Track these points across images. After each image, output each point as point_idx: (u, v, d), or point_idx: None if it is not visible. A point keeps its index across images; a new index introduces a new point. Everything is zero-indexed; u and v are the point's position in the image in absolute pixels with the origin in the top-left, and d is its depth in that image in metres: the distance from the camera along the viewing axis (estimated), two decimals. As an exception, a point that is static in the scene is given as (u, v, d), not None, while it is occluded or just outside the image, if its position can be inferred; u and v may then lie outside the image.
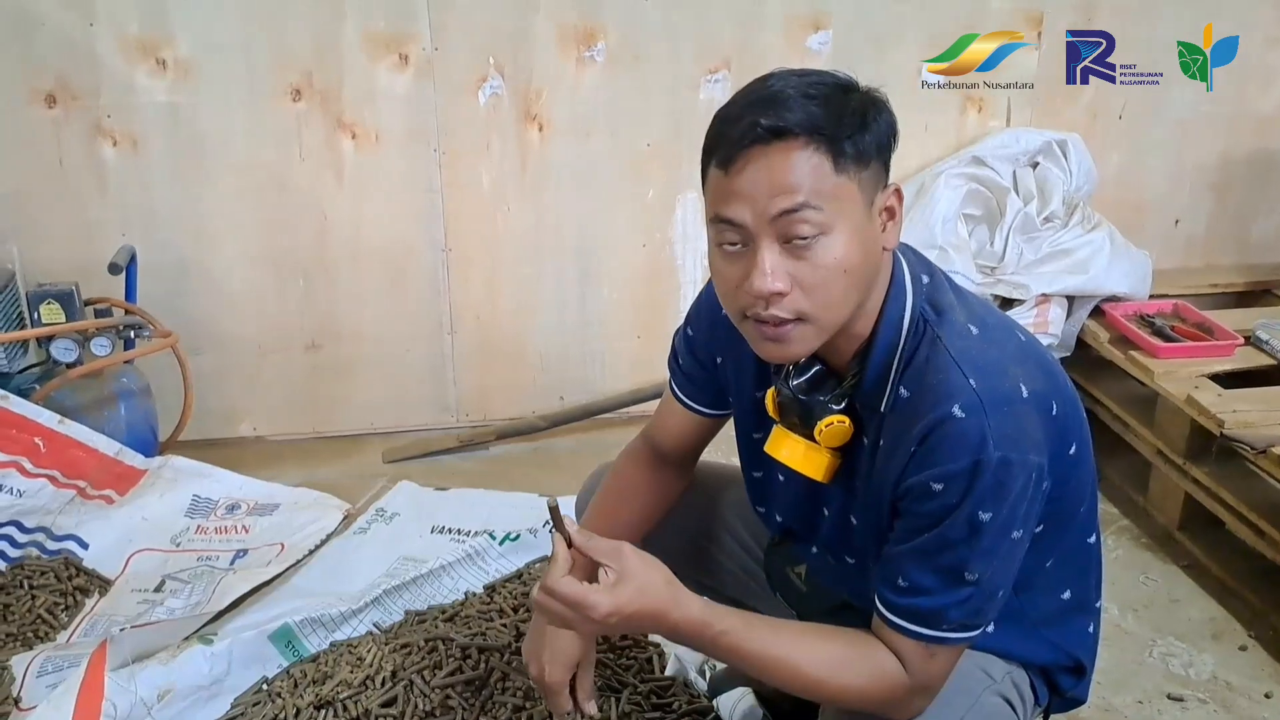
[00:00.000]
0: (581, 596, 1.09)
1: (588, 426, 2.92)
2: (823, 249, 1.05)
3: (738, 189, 1.05)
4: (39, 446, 2.07)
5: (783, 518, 1.41)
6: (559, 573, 1.11)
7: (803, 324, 1.08)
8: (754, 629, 1.15)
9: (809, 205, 1.03)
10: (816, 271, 1.06)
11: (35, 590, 2.04)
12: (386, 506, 2.40)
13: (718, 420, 1.49)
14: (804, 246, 1.05)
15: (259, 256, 2.70)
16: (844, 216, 1.05)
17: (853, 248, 1.06)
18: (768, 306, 1.07)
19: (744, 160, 1.04)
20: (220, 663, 1.74)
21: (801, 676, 1.15)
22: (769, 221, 1.04)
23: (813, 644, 1.16)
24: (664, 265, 2.88)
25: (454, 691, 1.62)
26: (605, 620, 1.10)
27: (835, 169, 1.04)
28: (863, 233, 1.07)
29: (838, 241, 1.05)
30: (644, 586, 1.11)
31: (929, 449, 1.08)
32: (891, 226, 1.12)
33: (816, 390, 1.20)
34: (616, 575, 1.11)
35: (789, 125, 1.02)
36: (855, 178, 1.05)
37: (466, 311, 2.84)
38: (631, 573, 1.11)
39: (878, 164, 1.08)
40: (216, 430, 2.81)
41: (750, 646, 1.14)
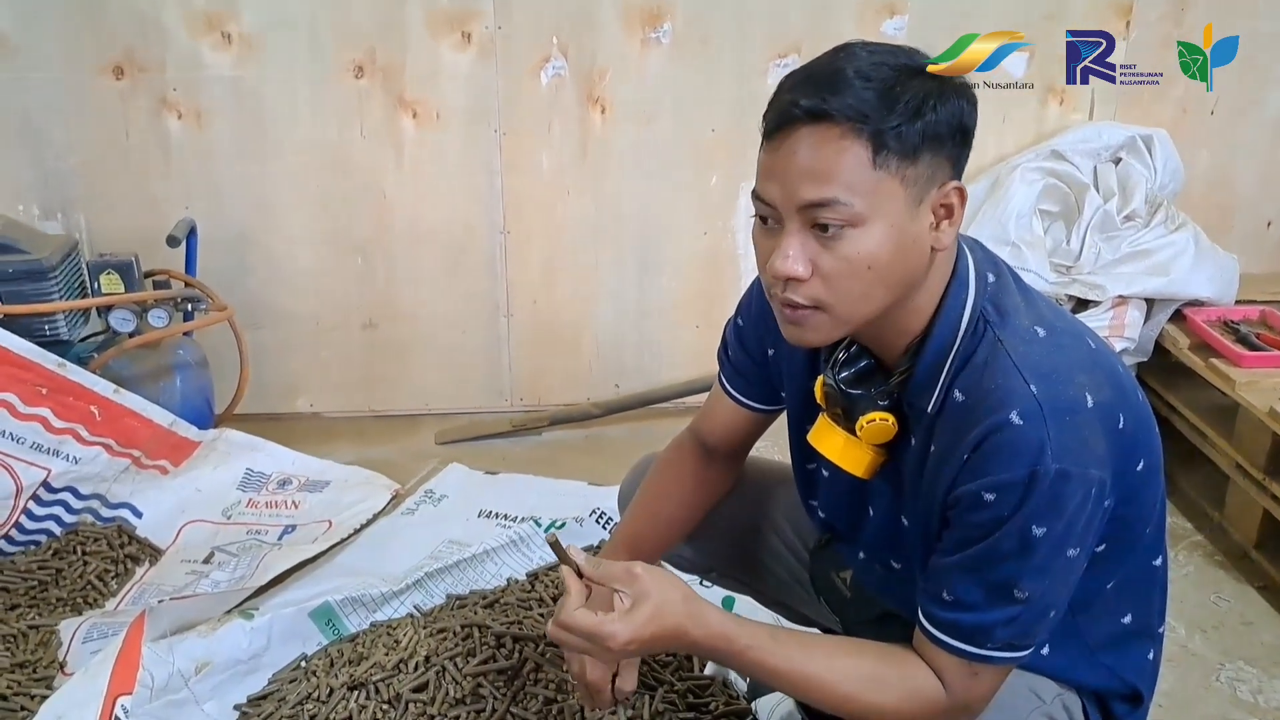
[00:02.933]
0: (597, 627, 1.07)
1: (642, 416, 2.89)
2: (849, 241, 1.00)
3: (773, 166, 1.01)
4: (94, 414, 2.10)
5: (827, 514, 1.36)
6: (572, 605, 1.09)
7: (819, 313, 1.04)
8: (780, 643, 1.11)
9: (838, 200, 0.98)
10: (839, 263, 1.00)
11: (87, 556, 2.07)
12: (436, 488, 2.41)
13: (767, 416, 1.44)
14: (830, 236, 1.00)
15: (318, 234, 2.71)
16: (880, 211, 0.99)
17: (884, 245, 1.00)
18: (785, 289, 1.03)
19: (781, 137, 1.00)
20: (260, 638, 1.75)
21: (832, 694, 1.10)
22: (796, 209, 1.00)
23: (844, 659, 1.11)
24: (725, 254, 2.83)
25: (485, 680, 1.60)
26: (625, 648, 1.07)
27: (874, 162, 0.98)
28: (901, 230, 1.01)
29: (868, 236, 1.00)
30: (660, 607, 1.08)
31: (982, 457, 1.02)
32: (947, 226, 1.05)
33: (863, 384, 1.15)
34: (631, 599, 1.08)
35: (829, 110, 0.97)
36: (898, 173, 0.99)
37: (523, 295, 2.82)
38: (646, 595, 1.08)
39: (933, 157, 1.01)
40: (274, 405, 2.84)
41: (776, 661, 1.10)
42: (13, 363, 1.96)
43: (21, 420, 2.00)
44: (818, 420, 1.22)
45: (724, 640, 1.09)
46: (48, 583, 2.00)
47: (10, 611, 1.90)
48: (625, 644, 1.06)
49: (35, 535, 2.11)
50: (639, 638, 1.07)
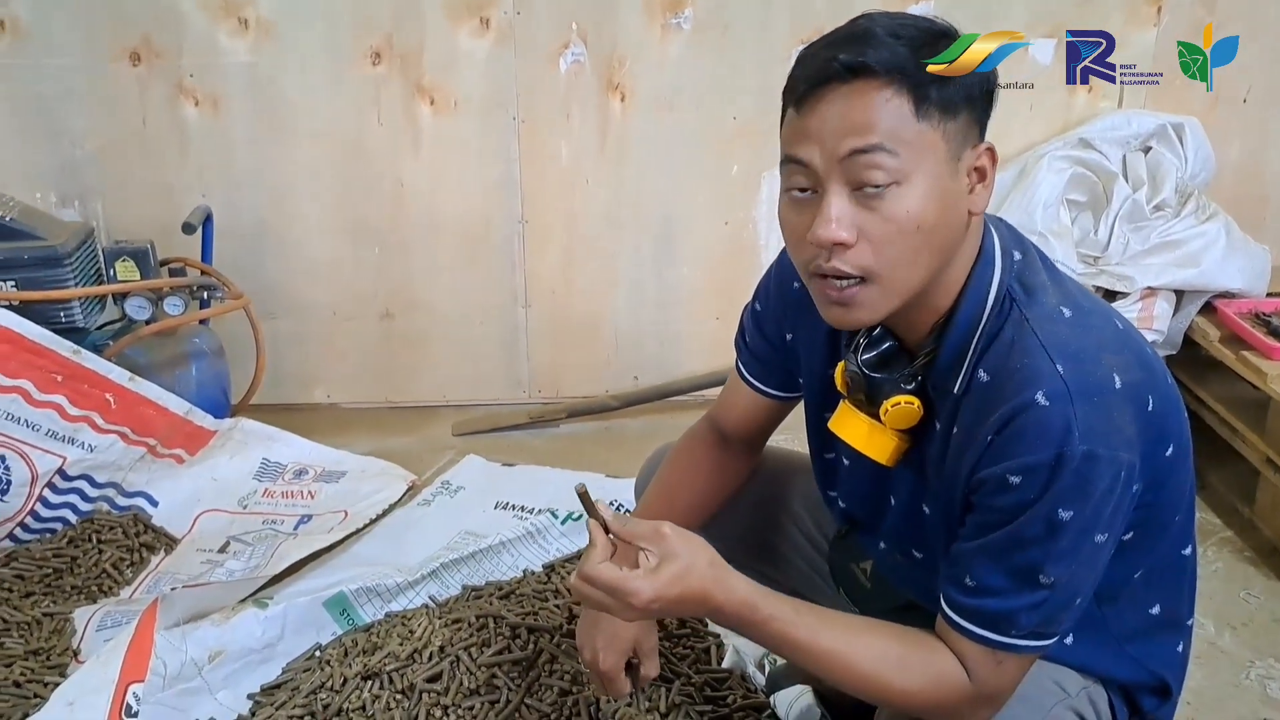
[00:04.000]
0: (621, 582, 1.05)
1: (661, 408, 2.87)
2: (895, 199, 0.98)
3: (809, 128, 0.99)
4: (109, 403, 2.10)
5: (847, 504, 1.34)
6: (597, 559, 1.07)
7: (868, 285, 1.01)
8: (803, 616, 1.09)
9: (883, 148, 0.96)
10: (886, 224, 0.98)
11: (103, 545, 2.08)
12: (452, 479, 2.40)
13: (786, 404, 1.42)
14: (875, 195, 0.98)
15: (335, 222, 2.71)
16: (923, 167, 0.98)
17: (930, 203, 0.98)
18: (830, 258, 1.00)
19: (818, 97, 0.98)
20: (274, 627, 1.75)
21: (853, 672, 1.08)
22: (838, 162, 0.98)
23: (867, 638, 1.10)
24: (746, 245, 2.81)
25: (500, 671, 1.59)
26: (648, 607, 1.05)
27: (917, 114, 0.96)
28: (944, 189, 0.99)
29: (913, 193, 0.98)
30: (686, 569, 1.06)
31: (1007, 438, 1.00)
32: (980, 189, 1.04)
33: (887, 367, 1.13)
34: (658, 558, 1.06)
35: (869, 63, 0.96)
36: (939, 127, 0.98)
37: (541, 285, 2.81)
38: (673, 554, 1.06)
39: (968, 117, 1.00)
40: (291, 395, 2.84)
41: (798, 635, 1.08)
42: (28, 349, 1.96)
43: (36, 407, 2.00)
44: (839, 407, 1.20)
45: (747, 609, 1.08)
46: (63, 570, 2.00)
47: (25, 599, 1.90)
48: (648, 602, 1.05)
49: (50, 523, 2.12)
50: (662, 597, 1.05)
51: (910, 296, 1.04)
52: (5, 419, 1.97)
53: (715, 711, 1.59)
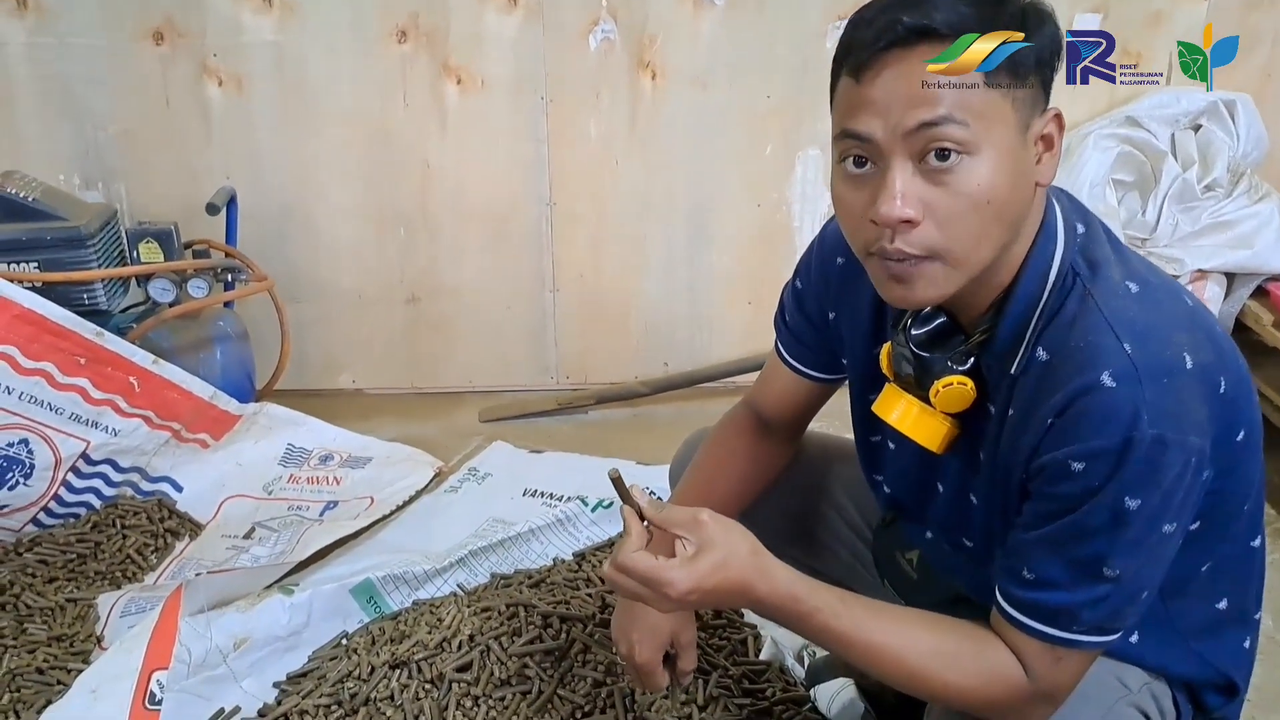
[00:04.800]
0: (657, 572, 1.01)
1: (691, 395, 2.84)
2: (964, 173, 0.92)
3: (869, 98, 0.93)
4: (133, 386, 2.09)
5: (893, 490, 1.30)
6: (632, 547, 1.03)
7: (933, 263, 0.96)
8: (850, 608, 1.04)
9: (952, 119, 0.91)
10: (955, 200, 0.93)
11: (127, 530, 2.07)
12: (479, 466, 2.38)
13: (828, 386, 1.38)
14: (942, 169, 0.92)
15: (360, 205, 2.68)
16: (992, 137, 0.93)
17: (1000, 175, 0.93)
18: (894, 238, 0.95)
19: (879, 65, 0.92)
20: (300, 614, 1.73)
21: (903, 667, 1.04)
22: (903, 136, 0.92)
23: (918, 632, 1.05)
24: (779, 227, 2.77)
25: (532, 661, 1.56)
26: (685, 598, 1.01)
27: (986, 80, 0.91)
28: (1013, 160, 0.94)
29: (983, 166, 0.92)
30: (726, 558, 1.02)
31: (1070, 422, 0.95)
32: (1048, 158, 0.98)
33: (938, 346, 1.08)
34: (695, 547, 1.02)
35: (935, 25, 0.90)
36: (1009, 94, 0.93)
37: (570, 270, 2.78)
38: (711, 543, 1.02)
39: (1036, 81, 0.95)
40: (315, 381, 2.83)
41: (843, 627, 1.04)
42: (51, 331, 1.95)
43: (60, 390, 1.99)
44: (885, 389, 1.16)
45: (791, 600, 1.04)
46: (86, 556, 1.99)
47: (48, 584, 1.89)
48: (685, 593, 1.01)
49: (74, 508, 2.11)
50: (700, 587, 1.01)
51: (979, 272, 0.99)
52: (29, 402, 1.96)
53: (754, 705, 1.56)
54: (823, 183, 2.72)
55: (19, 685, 1.60)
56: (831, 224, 1.25)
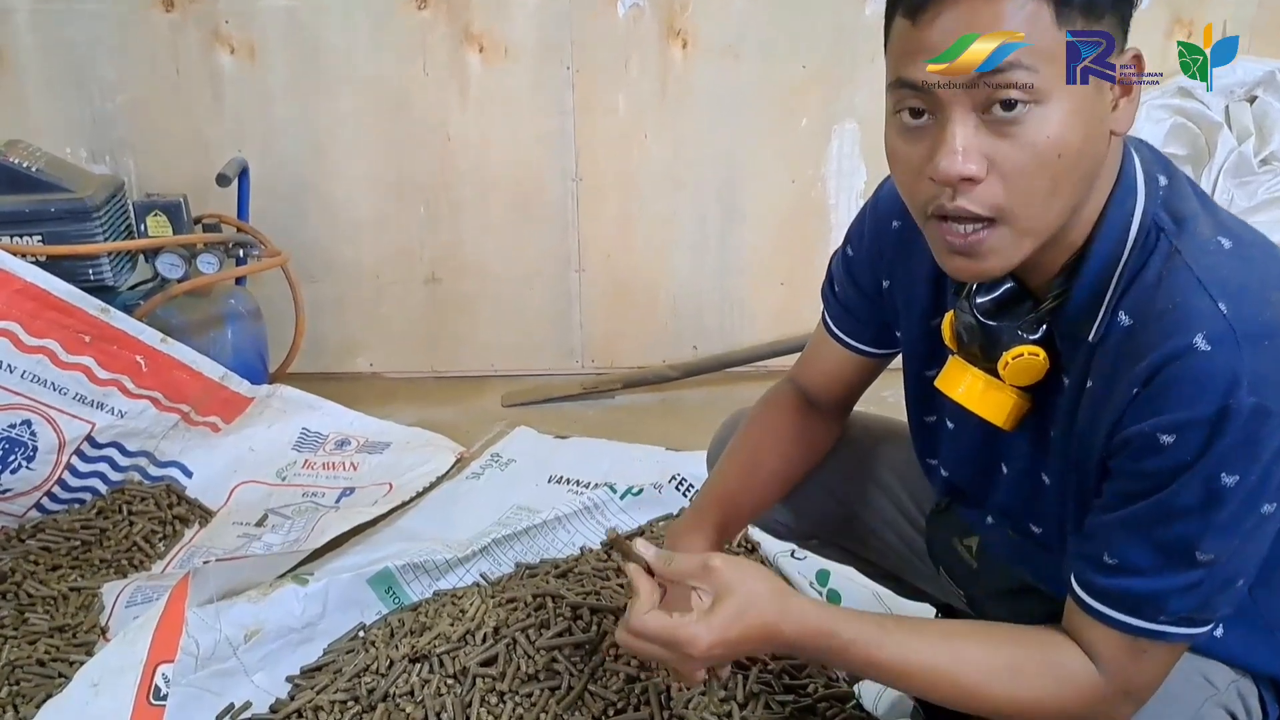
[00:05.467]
0: (674, 631, 0.96)
1: (721, 379, 2.81)
2: (1033, 124, 0.84)
3: (928, 43, 0.85)
4: (140, 365, 2.04)
5: (950, 473, 1.22)
6: (643, 608, 0.98)
7: (998, 227, 0.88)
8: (891, 634, 0.98)
9: (1020, 65, 0.83)
10: (1022, 153, 0.85)
11: (134, 516, 2.03)
12: (502, 452, 2.35)
13: (879, 361, 1.31)
14: (1008, 120, 0.84)
15: (378, 179, 2.65)
16: (1064, 84, 0.85)
17: (1072, 125, 0.85)
18: (955, 196, 0.87)
19: (939, 6, 0.85)
20: (314, 604, 1.68)
21: (959, 689, 0.97)
22: (965, 85, 0.85)
23: (971, 647, 0.98)
24: (814, 204, 2.72)
25: (560, 655, 1.50)
26: (709, 654, 0.96)
27: (1057, 19, 0.83)
28: (1087, 108, 0.86)
29: (1054, 115, 0.84)
30: (745, 603, 0.97)
31: (1158, 391, 0.87)
32: (1125, 104, 0.90)
33: (1006, 314, 1.00)
34: (712, 596, 0.97)
35: None
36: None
37: (596, 248, 2.74)
38: (728, 589, 0.97)
39: (1112, 20, 0.87)
40: (331, 363, 2.80)
41: (887, 657, 0.97)
42: (54, 307, 1.90)
43: (64, 369, 1.94)
44: (948, 362, 1.08)
45: (823, 637, 0.97)
46: (91, 543, 1.95)
47: (51, 572, 1.85)
48: (708, 649, 0.96)
49: (79, 493, 2.07)
50: (724, 640, 0.96)
51: (1047, 235, 0.92)
52: (31, 381, 1.91)
53: (796, 701, 1.49)
54: (860, 157, 2.66)
55: (19, 678, 1.56)
56: (886, 185, 1.19)
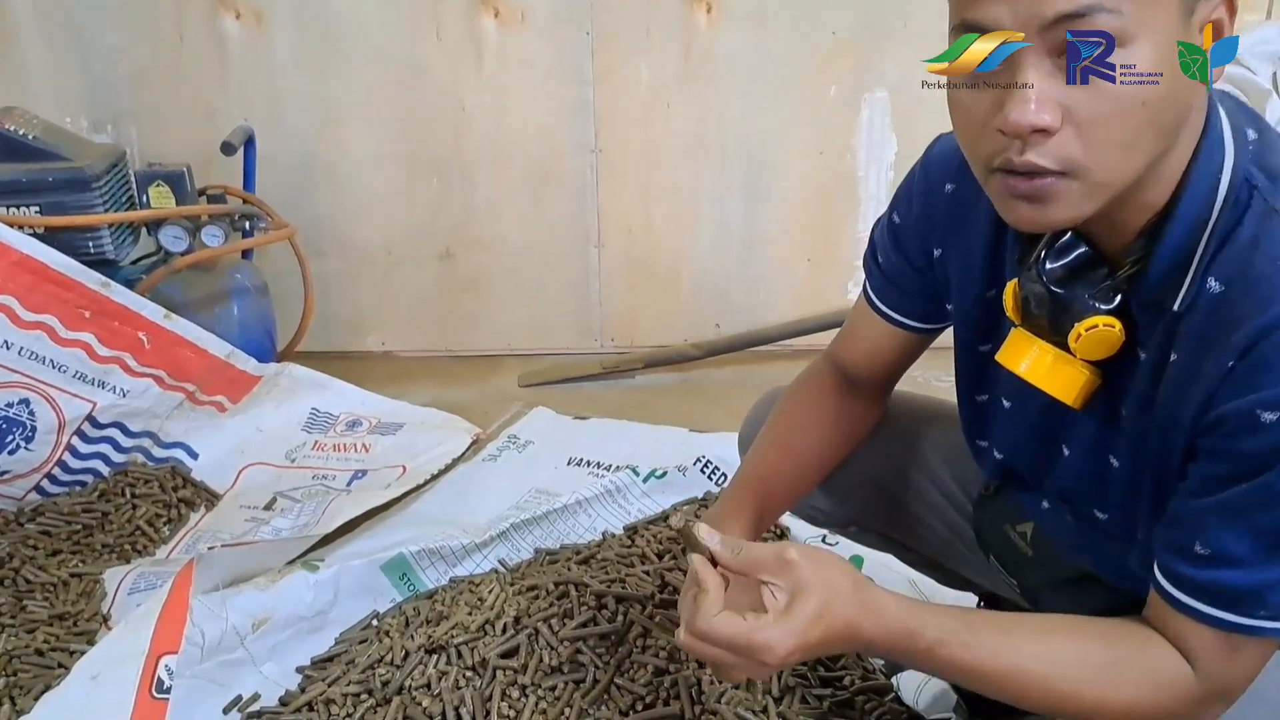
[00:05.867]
0: (750, 637, 0.86)
1: (745, 359, 2.76)
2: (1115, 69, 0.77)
3: None
4: (143, 342, 1.98)
5: (1005, 455, 1.14)
6: (713, 608, 0.88)
7: (1068, 180, 0.80)
8: (978, 633, 0.90)
9: (1102, 7, 0.75)
10: (1101, 102, 0.77)
11: (137, 500, 1.99)
12: (520, 433, 2.29)
13: (925, 336, 1.23)
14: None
15: (390, 151, 2.60)
16: (1150, 25, 0.76)
17: (1159, 70, 0.77)
18: (1024, 150, 0.79)
19: None
20: (326, 592, 1.63)
21: (1049, 691, 0.90)
22: (1039, 30, 0.77)
23: (1061, 645, 0.90)
24: (842, 177, 2.65)
25: (585, 646, 1.43)
26: (787, 660, 0.87)
27: None
28: (1175, 52, 0.78)
29: (1138, 59, 0.76)
30: (827, 601, 0.87)
31: (1258, 363, 0.79)
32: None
33: (1078, 281, 0.92)
34: (787, 594, 0.88)
35: None
36: None
37: (616, 223, 2.69)
38: (806, 587, 0.87)
39: None
40: (341, 342, 2.76)
41: (973, 658, 0.89)
42: (53, 280, 1.83)
43: (63, 346, 1.88)
44: (1011, 335, 1.00)
45: (906, 637, 0.89)
46: (93, 527, 1.90)
47: (51, 558, 1.80)
48: (786, 655, 0.86)
49: (80, 475, 2.02)
50: (804, 644, 0.86)
51: (1122, 190, 0.84)
52: (29, 358, 1.85)
53: (834, 695, 1.42)
54: (890, 128, 2.58)
55: (15, 668, 1.51)
56: (937, 146, 1.11)
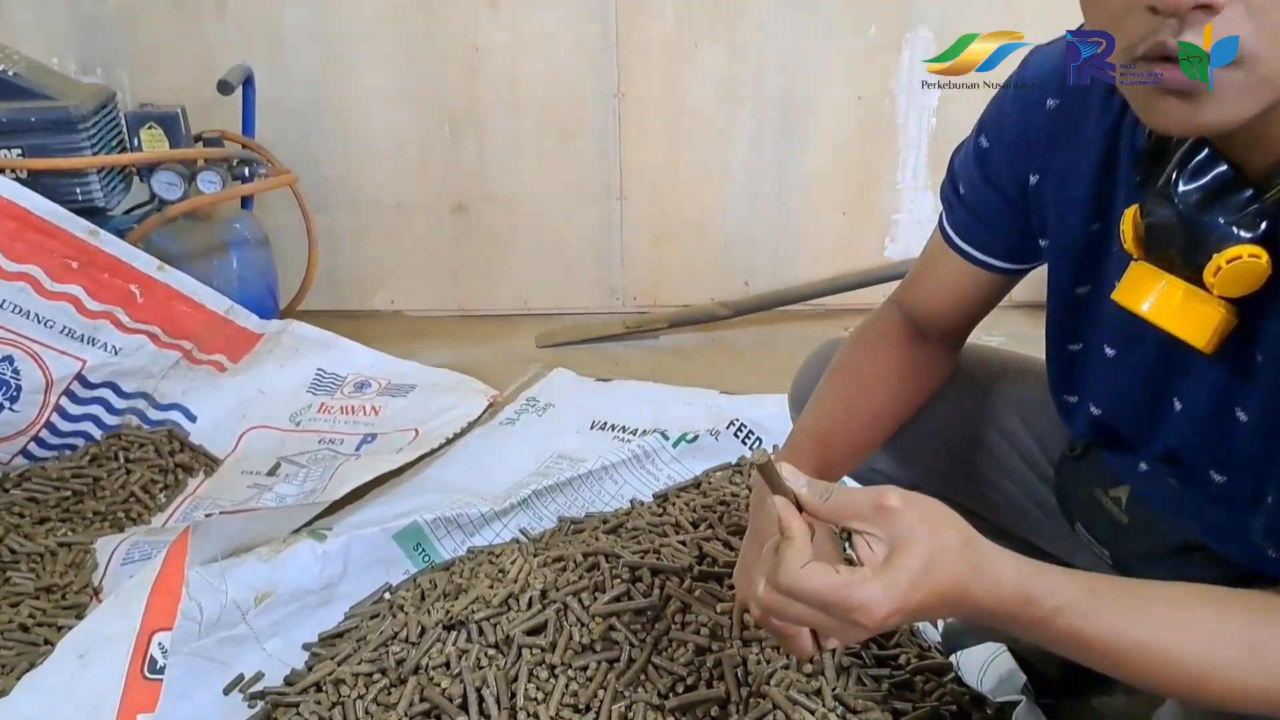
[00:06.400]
0: (845, 594, 0.73)
1: (775, 319, 2.67)
2: None
3: None
4: (135, 295, 1.89)
5: (1103, 410, 1.02)
6: (799, 558, 0.75)
7: (1232, 70, 0.68)
8: (1103, 600, 0.77)
9: None
10: None
11: (131, 464, 1.91)
12: (539, 396, 2.21)
13: (1009, 279, 1.10)
14: None
15: (399, 96, 2.51)
16: None
17: None
18: (1181, 30, 0.67)
19: None
20: (334, 563, 1.55)
21: (1181, 672, 0.77)
22: None
23: (1199, 619, 0.78)
24: (881, 123, 2.55)
25: (619, 622, 1.32)
26: (885, 623, 0.74)
27: None
28: None
29: None
30: (932, 559, 0.74)
31: None
32: None
33: (1216, 206, 0.79)
34: (886, 545, 0.75)
35: None
36: None
37: (640, 174, 2.60)
38: (910, 538, 0.74)
39: None
40: (349, 301, 2.68)
41: (1098, 629, 0.76)
42: (37, 228, 1.73)
43: (49, 299, 1.78)
44: (1130, 270, 0.87)
45: (1022, 603, 0.76)
46: (83, 494, 1.83)
47: (39, 526, 1.72)
48: (886, 617, 0.73)
49: (70, 438, 1.94)
50: (905, 607, 0.73)
51: None
52: (12, 312, 1.76)
53: (892, 676, 1.31)
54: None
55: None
56: (1034, 58, 0.98)
